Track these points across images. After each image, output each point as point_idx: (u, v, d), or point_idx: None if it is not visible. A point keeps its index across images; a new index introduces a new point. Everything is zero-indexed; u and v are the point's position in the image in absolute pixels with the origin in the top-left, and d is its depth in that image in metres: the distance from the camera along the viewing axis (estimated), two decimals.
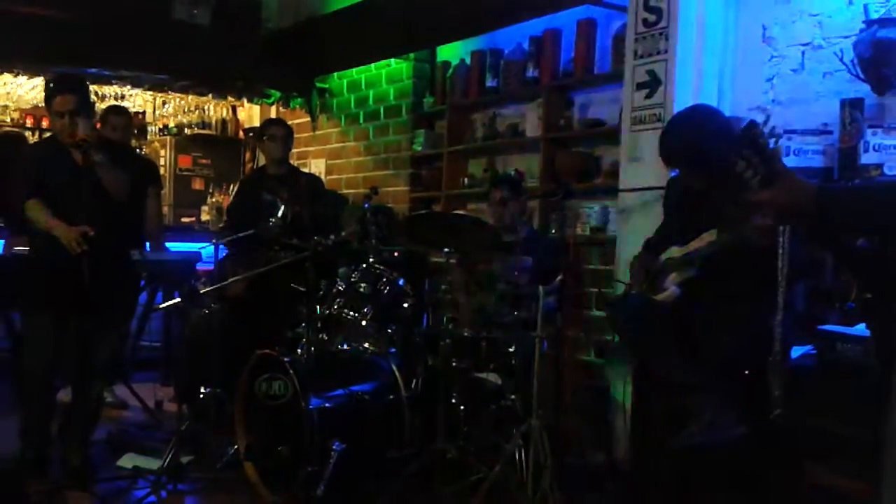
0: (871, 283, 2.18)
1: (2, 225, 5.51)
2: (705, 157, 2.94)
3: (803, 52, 3.92)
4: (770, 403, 2.64)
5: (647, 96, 4.12)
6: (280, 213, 4.61)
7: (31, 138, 7.36)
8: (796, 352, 2.87)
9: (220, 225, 5.36)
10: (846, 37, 3.65)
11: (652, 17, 4.12)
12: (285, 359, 3.56)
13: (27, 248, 4.03)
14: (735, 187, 2.33)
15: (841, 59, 3.62)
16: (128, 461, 3.95)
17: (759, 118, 4.02)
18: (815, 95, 3.84)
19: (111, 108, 5.29)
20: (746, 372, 2.84)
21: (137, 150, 7.49)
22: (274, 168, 5.04)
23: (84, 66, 6.22)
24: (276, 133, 5.01)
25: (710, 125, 3.07)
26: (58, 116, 3.64)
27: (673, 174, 3.46)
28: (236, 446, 3.78)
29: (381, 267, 3.97)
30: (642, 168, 4.05)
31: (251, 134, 8.07)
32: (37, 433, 3.76)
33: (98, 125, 4.78)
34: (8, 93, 7.30)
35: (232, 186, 7.72)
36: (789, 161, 3.67)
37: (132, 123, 5.83)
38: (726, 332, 2.85)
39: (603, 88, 4.96)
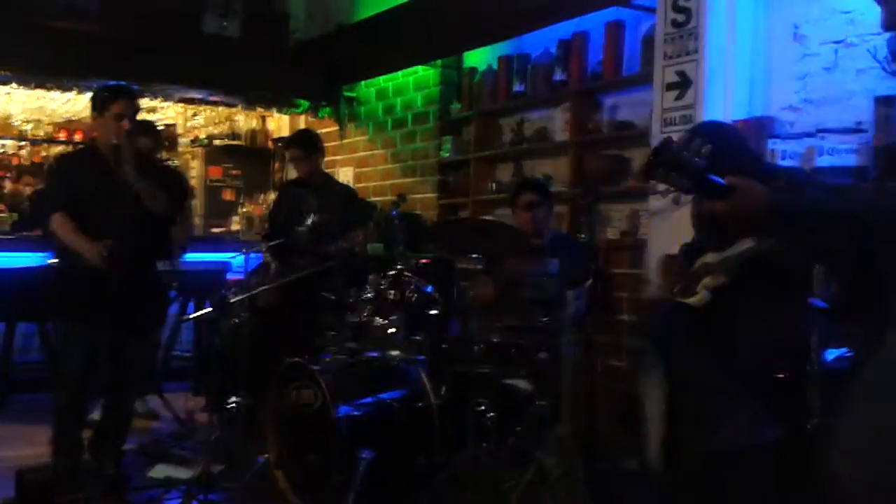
0: (856, 283, 2.15)
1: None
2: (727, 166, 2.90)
3: (836, 50, 3.84)
4: (806, 407, 2.58)
5: (678, 97, 4.07)
6: (309, 222, 4.64)
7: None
8: (831, 354, 2.80)
9: (265, 231, 5.42)
10: (879, 33, 3.57)
11: (681, 18, 4.07)
12: (314, 367, 3.56)
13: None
14: None
15: (874, 56, 3.54)
16: (159, 471, 3.97)
17: (791, 118, 3.98)
18: (849, 94, 3.76)
19: (138, 128, 5.32)
20: (781, 375, 2.78)
21: (167, 162, 7.55)
22: (307, 178, 5.07)
23: (115, 79, 6.25)
24: (292, 156, 5.16)
25: (728, 135, 3.04)
26: (116, 119, 3.65)
27: None
28: (267, 455, 3.78)
29: (410, 274, 3.95)
30: None
31: (280, 143, 8.12)
32: (69, 443, 3.78)
33: None
34: (41, 107, 7.41)
35: (262, 196, 7.78)
36: (823, 161, 3.60)
37: (161, 142, 5.87)
38: (760, 336, 2.79)
39: (632, 90, 4.91)
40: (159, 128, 5.98)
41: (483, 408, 3.67)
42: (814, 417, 2.52)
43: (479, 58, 6.10)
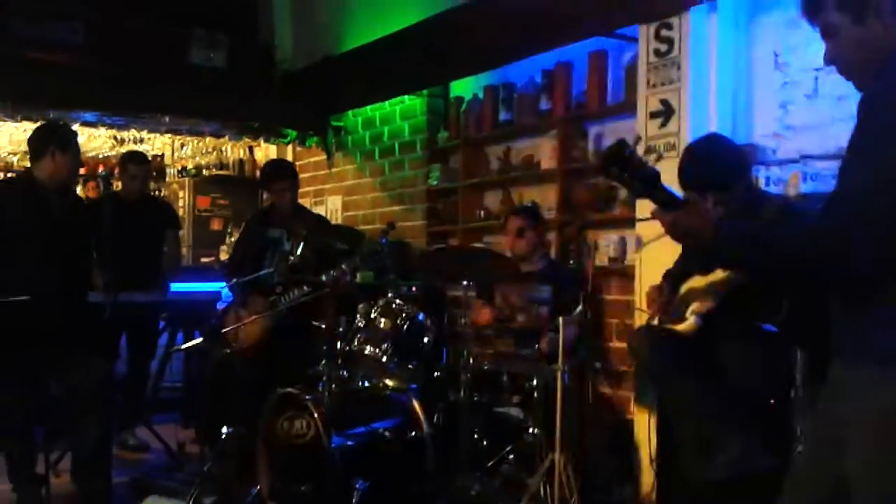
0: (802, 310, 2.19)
1: None
2: (723, 182, 2.95)
3: (816, 77, 3.91)
4: (792, 433, 2.60)
5: (662, 125, 4.13)
6: (299, 252, 4.63)
7: None
8: None
9: (227, 266, 5.37)
10: None
11: (663, 47, 4.13)
12: (307, 397, 3.56)
13: None
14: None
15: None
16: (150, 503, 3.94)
17: (774, 144, 4.04)
18: (831, 120, 3.82)
19: (129, 157, 5.37)
20: (772, 402, 2.81)
21: (155, 193, 7.57)
22: (287, 207, 5.04)
23: (103, 111, 6.31)
24: (283, 187, 4.98)
25: (726, 151, 3.09)
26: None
27: None
28: (259, 487, 3.77)
29: (400, 302, 3.97)
30: None
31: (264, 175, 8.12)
32: (24, 476, 3.84)
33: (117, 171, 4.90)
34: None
35: None
36: (806, 187, 3.66)
37: (150, 171, 5.89)
38: (750, 362, 2.82)
39: (616, 118, 4.96)
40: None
41: (476, 436, 3.69)
42: (798, 443, 2.55)
43: (464, 87, 6.16)
